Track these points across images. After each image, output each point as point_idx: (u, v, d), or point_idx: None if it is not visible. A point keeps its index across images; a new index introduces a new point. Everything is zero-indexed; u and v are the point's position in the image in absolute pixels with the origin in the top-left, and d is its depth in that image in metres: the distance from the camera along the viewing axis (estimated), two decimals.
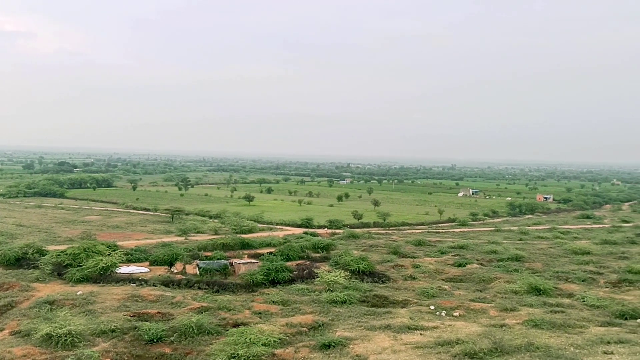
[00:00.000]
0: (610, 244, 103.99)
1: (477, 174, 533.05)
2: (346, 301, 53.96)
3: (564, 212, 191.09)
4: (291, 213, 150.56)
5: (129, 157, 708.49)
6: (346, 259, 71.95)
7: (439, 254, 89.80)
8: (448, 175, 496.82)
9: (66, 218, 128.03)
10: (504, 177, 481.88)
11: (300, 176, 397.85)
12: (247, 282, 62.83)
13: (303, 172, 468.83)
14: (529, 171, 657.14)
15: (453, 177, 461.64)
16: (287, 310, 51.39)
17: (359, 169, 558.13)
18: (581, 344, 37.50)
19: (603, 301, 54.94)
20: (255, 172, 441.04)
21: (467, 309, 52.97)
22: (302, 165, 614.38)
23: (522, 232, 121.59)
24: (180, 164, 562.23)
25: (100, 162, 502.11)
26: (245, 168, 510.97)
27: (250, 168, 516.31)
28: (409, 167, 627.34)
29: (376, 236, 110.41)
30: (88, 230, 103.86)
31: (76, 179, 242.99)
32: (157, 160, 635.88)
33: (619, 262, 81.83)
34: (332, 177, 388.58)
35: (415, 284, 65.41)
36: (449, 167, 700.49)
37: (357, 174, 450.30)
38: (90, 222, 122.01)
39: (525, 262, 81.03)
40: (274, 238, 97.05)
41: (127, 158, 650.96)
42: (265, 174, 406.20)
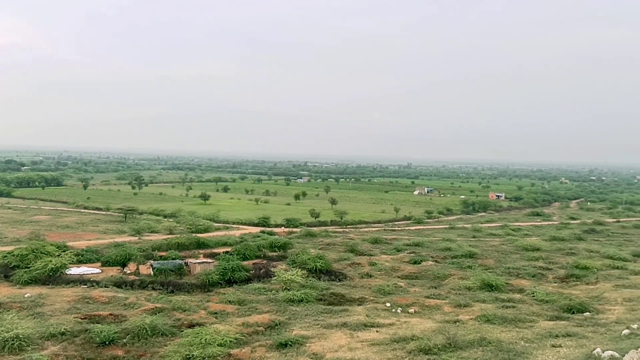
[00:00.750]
0: (558, 240, 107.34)
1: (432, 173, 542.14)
2: (303, 300, 53.91)
3: (515, 210, 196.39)
4: (248, 212, 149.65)
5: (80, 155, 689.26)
6: (303, 257, 71.87)
7: (395, 251, 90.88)
8: (404, 174, 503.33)
9: (13, 218, 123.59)
10: (458, 176, 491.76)
11: (257, 175, 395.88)
12: (202, 282, 61.98)
13: (260, 170, 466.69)
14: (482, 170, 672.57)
15: (409, 175, 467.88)
16: (244, 310, 50.97)
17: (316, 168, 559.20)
18: (531, 337, 38.59)
19: (552, 296, 56.66)
20: (211, 171, 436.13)
21: (422, 305, 53.75)
22: (259, 164, 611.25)
23: (475, 230, 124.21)
24: (133, 162, 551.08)
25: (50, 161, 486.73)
26: (201, 166, 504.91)
27: (206, 166, 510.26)
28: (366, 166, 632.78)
29: (333, 234, 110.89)
30: (36, 231, 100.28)
31: (24, 178, 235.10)
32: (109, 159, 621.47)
33: (567, 258, 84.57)
34: (289, 175, 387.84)
35: (372, 282, 65.94)
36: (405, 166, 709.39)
37: (314, 173, 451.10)
38: (39, 222, 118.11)
39: (478, 259, 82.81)
40: (231, 237, 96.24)
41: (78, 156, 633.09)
42: (221, 173, 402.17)
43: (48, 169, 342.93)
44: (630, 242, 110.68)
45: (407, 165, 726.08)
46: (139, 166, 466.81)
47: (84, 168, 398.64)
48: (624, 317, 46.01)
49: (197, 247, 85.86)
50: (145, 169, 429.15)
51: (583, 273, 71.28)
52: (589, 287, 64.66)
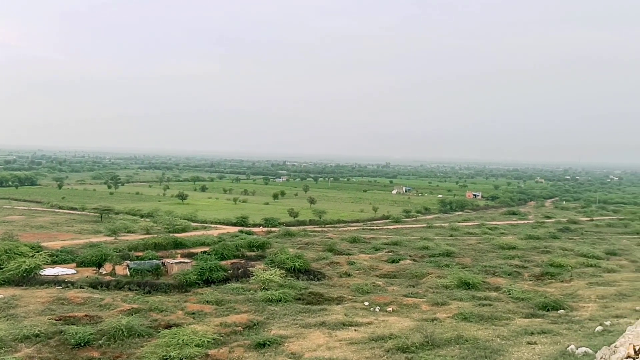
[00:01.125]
0: (534, 238, 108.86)
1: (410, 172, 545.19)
2: (281, 299, 53.84)
3: (491, 209, 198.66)
4: (226, 211, 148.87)
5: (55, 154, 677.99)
6: (282, 257, 71.79)
7: (373, 250, 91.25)
8: (382, 173, 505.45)
9: None
10: (435, 175, 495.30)
11: (236, 174, 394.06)
12: (180, 282, 61.50)
13: (238, 170, 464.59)
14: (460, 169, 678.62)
15: (387, 175, 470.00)
16: (222, 310, 50.72)
17: (295, 167, 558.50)
18: (507, 335, 39.09)
19: (527, 294, 57.48)
20: (189, 170, 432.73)
21: (400, 304, 54.06)
22: (238, 163, 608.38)
23: (453, 229, 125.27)
24: (109, 161, 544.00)
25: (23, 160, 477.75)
26: (179, 166, 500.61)
27: (183, 166, 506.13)
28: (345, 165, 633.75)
29: (312, 234, 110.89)
30: (10, 231, 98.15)
31: None
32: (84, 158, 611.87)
33: (542, 256, 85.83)
34: (268, 175, 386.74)
35: (350, 281, 66.11)
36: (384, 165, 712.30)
37: (293, 172, 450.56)
38: (12, 222, 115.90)
39: (456, 258, 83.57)
40: (209, 237, 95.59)
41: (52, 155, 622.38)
42: (199, 172, 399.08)
43: (22, 168, 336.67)
44: (603, 240, 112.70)
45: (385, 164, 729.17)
46: (115, 165, 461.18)
47: (59, 167, 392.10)
48: (597, 314, 46.86)
49: (174, 247, 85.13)
50: (121, 168, 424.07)
51: (558, 271, 72.46)
52: (563, 284, 65.75)
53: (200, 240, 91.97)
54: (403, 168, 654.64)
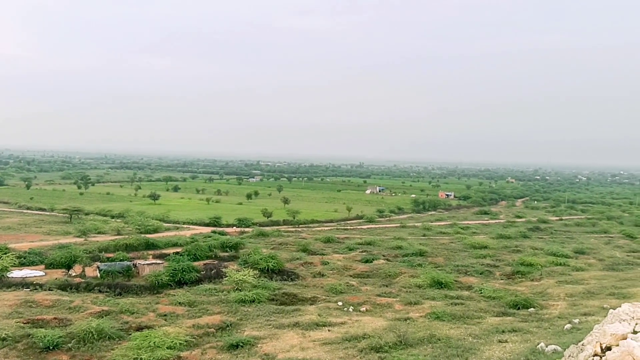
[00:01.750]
0: (505, 238, 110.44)
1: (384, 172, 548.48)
2: (255, 300, 53.56)
3: (464, 209, 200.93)
4: (199, 212, 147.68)
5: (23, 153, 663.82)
6: (255, 257, 71.43)
7: (347, 250, 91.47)
8: (356, 173, 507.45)
9: None
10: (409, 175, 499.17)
11: (209, 174, 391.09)
12: (151, 284, 60.73)
13: (211, 170, 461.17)
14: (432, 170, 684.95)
15: (361, 175, 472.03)
16: (194, 311, 50.22)
17: (269, 167, 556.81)
18: (479, 333, 39.52)
19: (498, 292, 58.23)
20: (161, 170, 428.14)
21: (374, 303, 54.26)
22: (211, 163, 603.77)
23: (426, 228, 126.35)
24: (79, 161, 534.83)
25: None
26: (151, 165, 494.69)
27: (155, 165, 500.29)
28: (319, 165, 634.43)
29: (286, 234, 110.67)
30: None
31: None
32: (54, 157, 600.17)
33: (513, 255, 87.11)
34: (241, 175, 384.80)
35: (324, 281, 66.13)
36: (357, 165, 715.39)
37: (267, 172, 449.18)
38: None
39: (429, 257, 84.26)
40: (181, 237, 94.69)
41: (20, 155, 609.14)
42: (171, 172, 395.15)
43: None
44: (572, 239, 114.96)
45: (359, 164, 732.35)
46: (85, 165, 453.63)
47: (27, 167, 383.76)
48: (566, 312, 47.69)
49: (146, 248, 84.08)
50: (92, 168, 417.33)
51: (528, 270, 73.57)
52: (533, 283, 66.79)
53: (172, 240, 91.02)
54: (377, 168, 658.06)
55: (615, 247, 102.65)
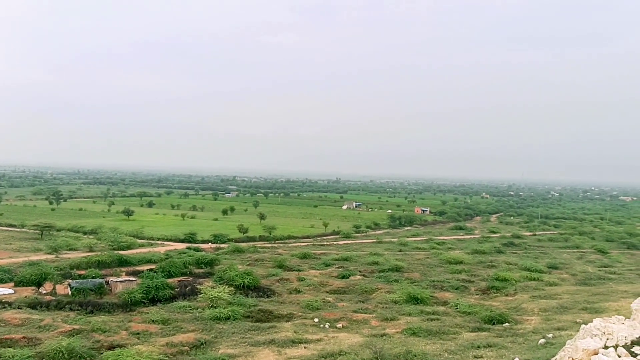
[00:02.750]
0: (480, 253, 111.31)
1: (361, 187, 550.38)
2: (230, 317, 52.94)
3: (439, 224, 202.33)
4: (174, 228, 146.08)
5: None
6: (231, 274, 70.78)
7: (323, 266, 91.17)
8: (333, 188, 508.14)
9: None
10: (385, 191, 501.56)
11: (184, 189, 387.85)
12: (124, 301, 59.67)
13: (187, 185, 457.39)
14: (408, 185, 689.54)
15: (338, 190, 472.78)
16: (168, 329, 49.38)
17: (245, 182, 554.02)
18: (454, 349, 39.60)
19: (474, 308, 58.56)
20: (135, 185, 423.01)
21: (350, 320, 54.06)
22: (186, 178, 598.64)
23: (402, 244, 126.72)
24: (51, 176, 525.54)
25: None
26: (125, 181, 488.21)
27: (130, 181, 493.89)
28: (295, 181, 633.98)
29: (262, 250, 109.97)
30: None
31: None
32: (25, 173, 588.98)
33: (488, 271, 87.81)
34: (217, 190, 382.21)
35: (300, 297, 65.75)
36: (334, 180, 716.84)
37: (243, 188, 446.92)
38: None
39: (405, 273, 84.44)
40: (155, 254, 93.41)
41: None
42: (146, 187, 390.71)
43: None
44: (546, 254, 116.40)
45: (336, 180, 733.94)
46: (57, 180, 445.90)
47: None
48: (540, 327, 48.13)
49: (119, 265, 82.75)
50: (64, 183, 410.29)
51: (503, 285, 74.23)
52: (508, 298, 67.36)
53: (146, 257, 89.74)
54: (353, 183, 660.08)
55: (587, 262, 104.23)
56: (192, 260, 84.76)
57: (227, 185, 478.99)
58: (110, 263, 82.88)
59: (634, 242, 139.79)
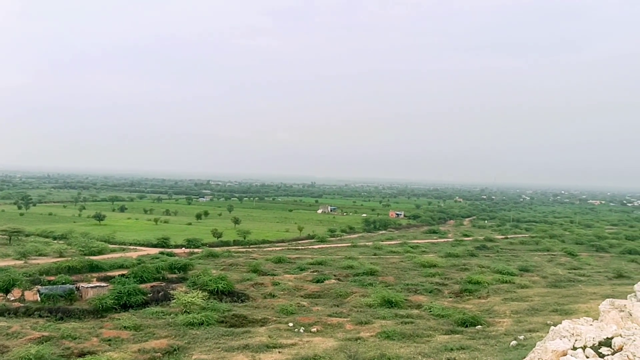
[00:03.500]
0: (453, 256, 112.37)
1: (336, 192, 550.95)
2: (203, 322, 52.49)
3: (413, 228, 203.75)
4: (146, 232, 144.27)
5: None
6: (204, 278, 70.23)
7: (298, 270, 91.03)
8: (308, 192, 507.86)
9: None
10: (360, 195, 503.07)
11: (157, 194, 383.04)
12: (95, 308, 58.72)
13: (160, 189, 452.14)
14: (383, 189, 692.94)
15: (313, 194, 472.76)
16: (140, 336, 48.71)
17: (219, 187, 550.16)
18: (428, 352, 39.86)
19: (447, 310, 59.08)
20: (107, 190, 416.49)
21: (325, 324, 54.05)
22: (159, 182, 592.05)
23: (376, 247, 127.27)
24: (20, 180, 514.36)
25: None
26: (96, 185, 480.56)
27: (101, 185, 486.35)
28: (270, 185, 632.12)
29: (236, 255, 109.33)
30: None
31: None
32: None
33: (461, 274, 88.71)
34: (191, 194, 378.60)
35: (275, 302, 65.53)
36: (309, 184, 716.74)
37: (217, 192, 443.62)
38: None
39: (379, 276, 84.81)
40: (127, 259, 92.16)
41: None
42: (118, 192, 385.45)
43: None
44: (517, 257, 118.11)
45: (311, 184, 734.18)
46: (26, 185, 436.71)
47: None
48: (512, 329, 48.77)
49: (90, 271, 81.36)
50: (33, 187, 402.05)
51: (475, 288, 75.07)
52: (480, 301, 68.14)
53: (118, 262, 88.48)
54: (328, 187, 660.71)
55: (557, 265, 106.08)
56: (165, 265, 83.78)
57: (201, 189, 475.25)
58: (80, 269, 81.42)
59: (603, 245, 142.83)
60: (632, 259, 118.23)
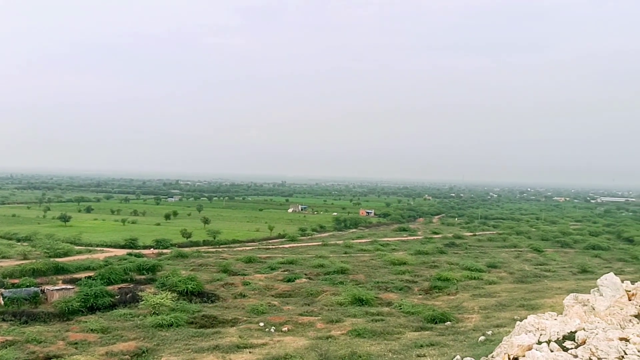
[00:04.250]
0: (423, 254, 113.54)
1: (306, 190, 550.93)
2: (173, 324, 51.90)
3: (384, 226, 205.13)
4: (114, 233, 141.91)
5: None
6: (174, 279, 69.49)
7: (269, 270, 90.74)
8: (278, 191, 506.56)
9: None
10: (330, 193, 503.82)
11: (125, 194, 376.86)
12: (61, 311, 57.55)
13: (128, 189, 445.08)
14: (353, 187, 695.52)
15: (283, 193, 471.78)
16: (108, 338, 47.92)
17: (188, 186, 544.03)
18: (398, 349, 40.21)
19: (417, 307, 59.69)
20: (72, 190, 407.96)
21: (296, 323, 54.01)
22: (127, 182, 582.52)
23: (347, 246, 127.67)
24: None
25: None
26: (61, 186, 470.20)
27: (67, 185, 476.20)
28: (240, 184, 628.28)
29: (206, 255, 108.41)
30: None
31: None
32: None
33: (430, 271, 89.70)
34: (159, 194, 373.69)
35: (245, 302, 65.24)
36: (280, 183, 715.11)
37: (186, 192, 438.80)
38: None
39: (350, 275, 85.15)
40: (94, 261, 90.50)
41: None
42: (84, 192, 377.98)
43: None
44: (485, 254, 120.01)
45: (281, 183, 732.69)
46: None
47: None
48: (480, 325, 49.53)
49: (55, 273, 79.68)
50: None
51: (444, 284, 75.99)
52: (449, 297, 69.02)
53: (84, 264, 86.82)
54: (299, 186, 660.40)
55: (524, 261, 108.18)
56: (133, 267, 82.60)
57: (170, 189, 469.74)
58: (45, 271, 79.69)
59: (567, 241, 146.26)
60: (596, 254, 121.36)
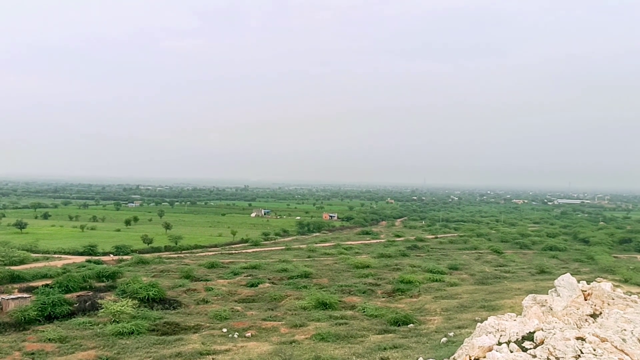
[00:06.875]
0: (386, 257, 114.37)
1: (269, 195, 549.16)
2: (134, 332, 50.85)
3: (347, 229, 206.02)
4: (72, 240, 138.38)
5: None
6: (134, 286, 68.15)
7: (232, 275, 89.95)
8: (241, 196, 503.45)
9: None
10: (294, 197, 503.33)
11: (83, 200, 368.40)
12: (17, 320, 55.79)
13: (86, 195, 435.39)
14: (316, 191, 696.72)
15: (246, 197, 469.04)
16: (66, 348, 46.62)
17: (149, 191, 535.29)
18: (362, 352, 40.37)
19: (380, 310, 60.05)
20: (29, 196, 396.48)
21: (259, 328, 53.68)
22: (86, 188, 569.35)
23: (311, 250, 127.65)
24: None
25: None
26: (17, 191, 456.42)
27: (22, 191, 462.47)
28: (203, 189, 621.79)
29: (167, 261, 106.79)
30: None
31: None
32: None
33: (393, 274, 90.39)
34: (119, 200, 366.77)
35: (208, 308, 64.48)
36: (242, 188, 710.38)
37: (147, 197, 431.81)
38: None
39: (314, 279, 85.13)
40: (51, 268, 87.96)
41: None
42: (41, 198, 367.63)
43: None
44: (447, 256, 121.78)
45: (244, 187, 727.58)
46: None
47: None
48: (442, 326, 50.19)
49: (10, 281, 77.15)
50: None
51: (407, 287, 76.70)
52: (412, 299, 69.71)
53: (41, 272, 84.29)
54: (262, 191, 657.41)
55: (484, 262, 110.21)
56: (93, 274, 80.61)
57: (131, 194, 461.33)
58: (0, 280, 77.13)
59: (526, 242, 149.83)
60: (553, 255, 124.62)
